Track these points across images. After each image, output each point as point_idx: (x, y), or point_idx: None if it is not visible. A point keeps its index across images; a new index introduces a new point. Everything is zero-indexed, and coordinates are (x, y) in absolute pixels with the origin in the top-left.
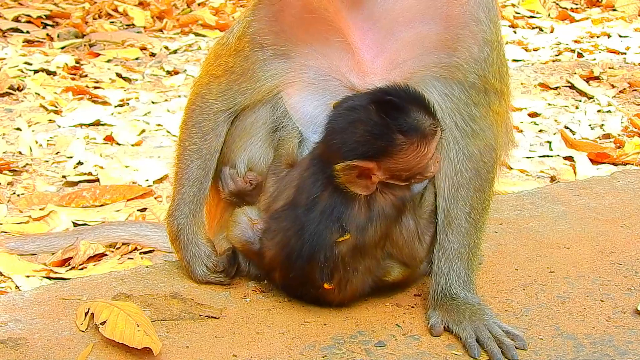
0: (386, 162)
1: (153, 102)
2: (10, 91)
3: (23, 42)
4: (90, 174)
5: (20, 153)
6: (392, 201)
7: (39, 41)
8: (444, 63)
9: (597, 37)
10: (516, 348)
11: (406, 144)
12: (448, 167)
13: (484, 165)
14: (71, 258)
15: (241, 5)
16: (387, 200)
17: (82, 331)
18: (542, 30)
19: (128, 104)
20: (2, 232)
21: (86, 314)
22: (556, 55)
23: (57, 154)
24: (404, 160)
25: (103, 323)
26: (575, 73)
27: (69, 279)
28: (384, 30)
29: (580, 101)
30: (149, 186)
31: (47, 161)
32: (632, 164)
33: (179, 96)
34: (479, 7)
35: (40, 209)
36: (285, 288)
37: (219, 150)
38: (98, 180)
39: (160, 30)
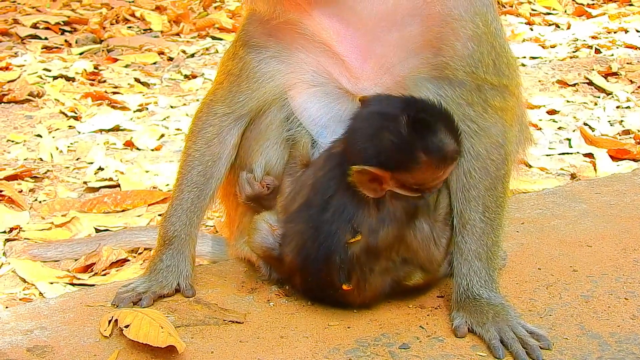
0: (401, 175)
1: (172, 107)
2: (30, 98)
3: (42, 48)
4: (111, 179)
5: (41, 160)
6: (402, 206)
7: (57, 47)
8: (431, 63)
9: (614, 32)
10: (541, 348)
11: (426, 163)
12: (456, 169)
13: (492, 163)
14: (94, 264)
15: None
16: (397, 204)
17: (106, 337)
18: (558, 27)
19: (147, 108)
20: (25, 239)
21: (109, 321)
22: (573, 52)
23: (77, 160)
24: (419, 176)
25: (127, 326)
26: (593, 69)
27: (92, 285)
28: (367, 36)
29: (599, 97)
30: (169, 191)
31: (68, 167)
32: None
33: (197, 100)
34: (457, 4)
35: (62, 215)
36: (306, 292)
37: (223, 157)
38: (119, 185)
39: (177, 35)
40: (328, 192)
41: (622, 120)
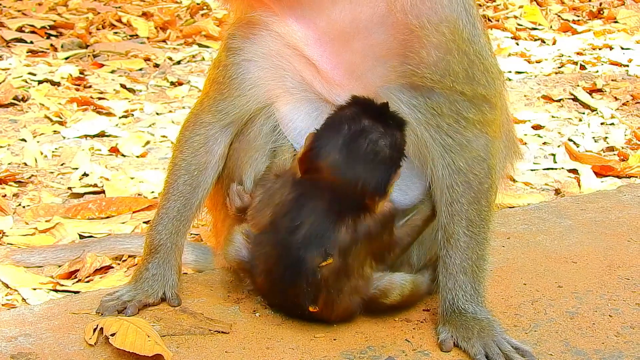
0: None
1: (157, 113)
2: (15, 102)
3: (27, 52)
4: (95, 185)
5: (25, 164)
6: (378, 219)
7: (42, 51)
8: (398, 71)
9: (599, 49)
10: None
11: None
12: (438, 182)
13: (475, 177)
14: (78, 270)
15: None
16: (373, 218)
17: (92, 345)
18: (544, 42)
19: (132, 115)
20: (8, 244)
21: (94, 330)
22: (559, 67)
23: (62, 165)
24: None
25: (113, 335)
26: (578, 85)
27: (76, 291)
28: (335, 42)
29: (583, 113)
30: (154, 198)
31: (52, 172)
32: (636, 177)
33: (183, 107)
34: (421, 12)
35: (46, 221)
36: (282, 309)
37: (210, 167)
38: (103, 192)
39: (164, 41)
40: (297, 218)
41: (606, 137)
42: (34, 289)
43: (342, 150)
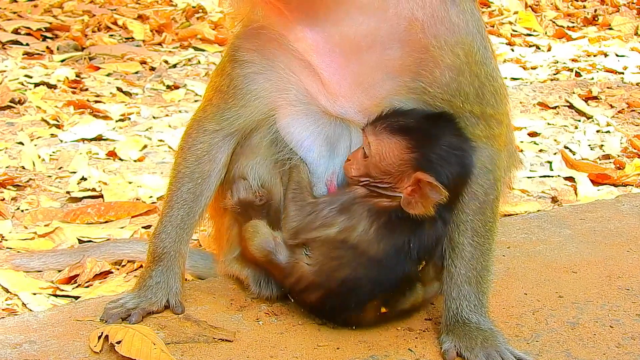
0: None
1: (154, 117)
2: (12, 104)
3: (23, 54)
4: (94, 190)
5: (23, 168)
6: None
7: (38, 54)
8: (409, 87)
9: (594, 55)
10: None
11: None
12: None
13: (480, 188)
14: (77, 275)
15: None
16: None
17: (97, 352)
18: (539, 49)
19: (129, 118)
20: (8, 248)
21: (99, 337)
22: (554, 74)
23: (60, 169)
24: None
25: (119, 342)
26: (573, 92)
27: (76, 297)
28: (346, 55)
29: (579, 121)
30: (153, 203)
31: (50, 176)
32: (632, 185)
33: (180, 111)
34: (439, 33)
35: (45, 225)
36: (315, 309)
37: (213, 175)
38: (102, 196)
39: (160, 44)
40: (385, 247)
41: (602, 145)
42: (34, 294)
43: (459, 167)
